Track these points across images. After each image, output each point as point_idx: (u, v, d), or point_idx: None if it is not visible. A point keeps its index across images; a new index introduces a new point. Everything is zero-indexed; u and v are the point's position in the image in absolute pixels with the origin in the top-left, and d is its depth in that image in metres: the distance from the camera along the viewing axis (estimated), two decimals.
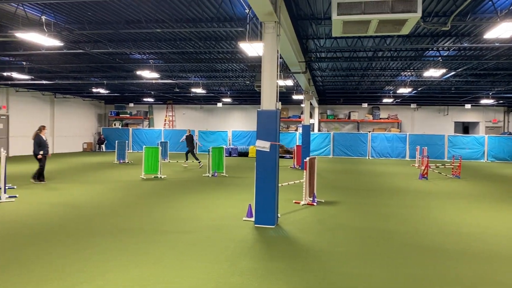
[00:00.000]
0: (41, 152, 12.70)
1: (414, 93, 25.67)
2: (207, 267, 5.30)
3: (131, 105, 34.77)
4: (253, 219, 8.02)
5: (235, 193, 11.58)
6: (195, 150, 20.08)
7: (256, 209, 7.77)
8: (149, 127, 34.78)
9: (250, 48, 10.59)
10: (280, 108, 7.94)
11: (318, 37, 12.90)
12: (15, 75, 18.99)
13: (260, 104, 7.85)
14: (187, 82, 22.64)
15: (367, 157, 28.49)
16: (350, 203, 10.27)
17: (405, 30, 7.34)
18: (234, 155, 28.75)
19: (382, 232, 7.34)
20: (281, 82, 17.09)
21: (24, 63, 17.79)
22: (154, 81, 20.97)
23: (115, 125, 34.36)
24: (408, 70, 18.45)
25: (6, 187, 10.62)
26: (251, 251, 6.05)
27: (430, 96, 27.54)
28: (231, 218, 8.26)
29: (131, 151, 31.39)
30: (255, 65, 17.33)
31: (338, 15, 6.85)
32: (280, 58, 8.80)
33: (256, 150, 7.79)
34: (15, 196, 10.34)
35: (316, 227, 7.66)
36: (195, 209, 9.16)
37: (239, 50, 14.33)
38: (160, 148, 15.32)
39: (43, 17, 10.71)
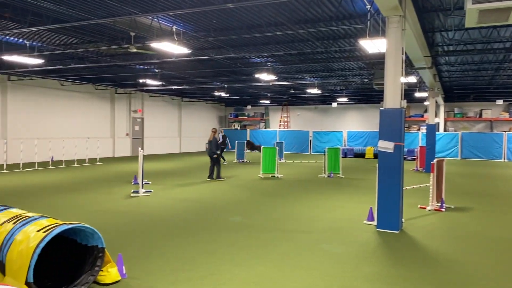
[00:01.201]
0: (218, 152, 14.29)
1: None
2: (330, 268, 5.24)
3: (249, 107, 36.13)
4: (374, 222, 7.71)
5: (353, 195, 11.29)
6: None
7: (378, 212, 7.46)
8: (265, 128, 35.80)
9: (371, 45, 10.23)
10: (405, 107, 7.52)
11: (446, 29, 11.94)
12: (149, 81, 21.06)
13: (378, 103, 7.53)
14: (303, 83, 22.77)
15: (503, 160, 25.57)
16: (484, 210, 9.30)
17: None
18: (350, 156, 28.09)
19: None
20: (403, 79, 16.21)
21: (156, 70, 19.60)
22: (271, 83, 21.50)
23: (234, 126, 36.11)
24: None
25: (143, 183, 11.79)
26: (374, 255, 5.82)
27: None
28: (351, 221, 8.06)
29: (249, 151, 32.63)
30: (374, 62, 16.72)
31: (473, 3, 6.23)
32: (403, 53, 8.35)
33: (379, 151, 7.48)
34: (151, 191, 11.42)
35: (445, 234, 7.08)
36: (314, 210, 9.14)
37: (358, 48, 13.95)
38: (276, 148, 15.64)
39: (174, 27, 11.65)
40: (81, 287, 4.40)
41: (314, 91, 24.83)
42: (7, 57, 13.75)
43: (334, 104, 31.85)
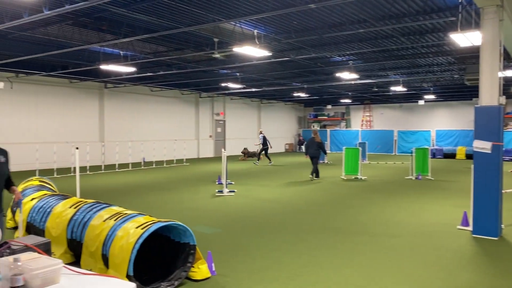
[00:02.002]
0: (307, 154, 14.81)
1: None
2: (422, 275, 4.99)
3: (329, 107, 35.59)
4: (470, 228, 7.20)
5: (444, 198, 10.64)
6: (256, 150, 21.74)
7: (474, 217, 6.95)
8: (346, 128, 35.05)
9: (463, 38, 9.57)
10: (504, 103, 6.93)
11: None
12: (230, 85, 21.68)
13: (470, 99, 7.02)
14: (386, 80, 21.94)
15: None
16: None
17: None
18: (439, 156, 26.48)
19: None
20: (500, 74, 14.94)
21: (237, 74, 20.10)
22: (352, 82, 21.01)
23: (313, 126, 35.81)
24: None
25: (227, 183, 12.16)
26: (470, 263, 5.44)
27: None
28: (443, 225, 7.60)
29: (329, 151, 32.15)
30: (465, 56, 15.61)
31: None
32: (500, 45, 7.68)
33: (474, 151, 6.97)
34: (234, 191, 11.74)
35: None
36: (401, 213, 8.76)
37: (447, 42, 13.12)
38: (359, 149, 15.25)
39: (255, 31, 11.87)
40: (174, 282, 4.66)
41: (399, 88, 23.80)
42: (104, 67, 15.00)
43: (421, 102, 30.18)
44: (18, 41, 12.70)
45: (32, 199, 6.54)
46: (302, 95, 27.93)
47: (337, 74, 18.01)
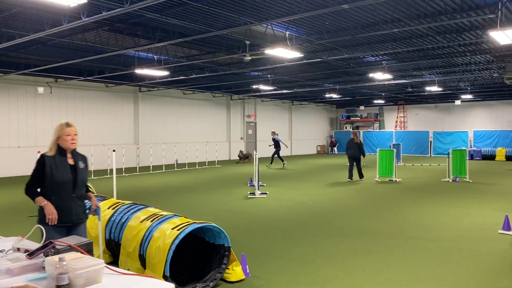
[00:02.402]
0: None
1: None
2: (462, 281, 4.83)
3: (361, 107, 35.06)
4: (511, 232, 6.93)
5: (483, 202, 10.28)
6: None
7: None
8: (379, 129, 34.44)
9: (503, 36, 9.25)
10: None
11: None
12: (261, 87, 21.74)
13: (511, 99, 6.72)
14: (421, 80, 21.43)
15: None
16: None
17: None
18: (477, 158, 25.62)
19: None
20: None
21: (269, 76, 20.13)
22: (386, 82, 20.64)
23: (346, 128, 35.37)
24: None
25: (259, 185, 12.17)
26: None
27: None
28: (483, 230, 7.34)
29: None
30: (505, 54, 15.05)
31: None
32: None
33: None
34: (266, 193, 11.74)
35: None
36: (438, 216, 8.52)
37: (485, 40, 12.70)
38: (394, 150, 14.95)
39: (287, 33, 11.85)
40: (209, 283, 4.70)
41: (434, 88, 23.21)
42: (139, 71, 15.36)
43: (457, 102, 29.30)
44: (57, 47, 13.19)
45: None
46: (334, 96, 27.66)
47: (370, 75, 17.75)
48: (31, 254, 2.54)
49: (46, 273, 2.34)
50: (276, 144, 20.94)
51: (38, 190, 3.88)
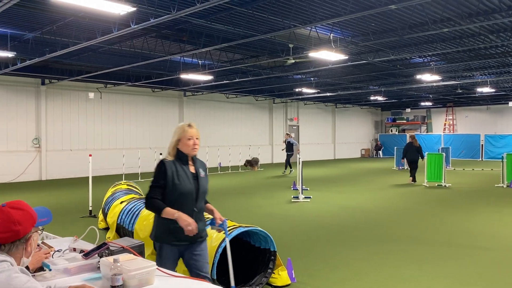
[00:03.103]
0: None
1: None
2: None
3: (408, 110, 34.00)
4: None
5: None
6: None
7: None
8: (427, 132, 33.28)
9: None
10: None
11: None
12: (304, 90, 21.59)
13: None
14: (472, 81, 20.53)
15: None
16: None
17: None
18: None
19: None
20: None
21: (312, 79, 19.96)
22: (434, 84, 19.94)
23: (391, 131, 34.45)
24: None
25: (303, 189, 12.07)
26: None
27: None
28: None
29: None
30: None
31: None
32: None
33: None
34: (310, 197, 11.62)
35: None
36: (493, 224, 8.10)
37: None
38: (443, 154, 14.40)
39: (331, 35, 11.71)
40: (255, 287, 4.69)
41: (486, 89, 22.17)
42: (184, 76, 15.69)
43: (511, 104, 27.82)
44: (107, 54, 13.72)
45: (121, 202, 6.98)
46: (379, 98, 27.04)
47: (418, 76, 17.22)
48: (86, 254, 2.63)
49: (101, 274, 2.41)
50: (290, 147, 19.33)
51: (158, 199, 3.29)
